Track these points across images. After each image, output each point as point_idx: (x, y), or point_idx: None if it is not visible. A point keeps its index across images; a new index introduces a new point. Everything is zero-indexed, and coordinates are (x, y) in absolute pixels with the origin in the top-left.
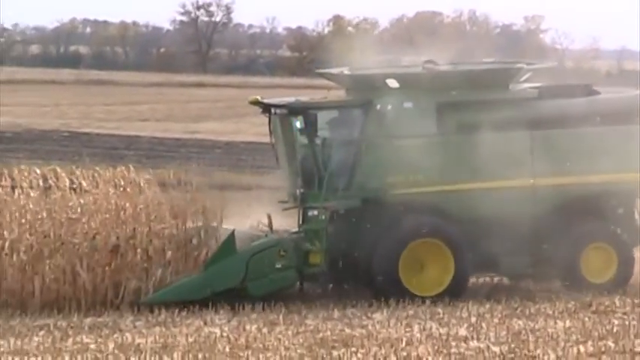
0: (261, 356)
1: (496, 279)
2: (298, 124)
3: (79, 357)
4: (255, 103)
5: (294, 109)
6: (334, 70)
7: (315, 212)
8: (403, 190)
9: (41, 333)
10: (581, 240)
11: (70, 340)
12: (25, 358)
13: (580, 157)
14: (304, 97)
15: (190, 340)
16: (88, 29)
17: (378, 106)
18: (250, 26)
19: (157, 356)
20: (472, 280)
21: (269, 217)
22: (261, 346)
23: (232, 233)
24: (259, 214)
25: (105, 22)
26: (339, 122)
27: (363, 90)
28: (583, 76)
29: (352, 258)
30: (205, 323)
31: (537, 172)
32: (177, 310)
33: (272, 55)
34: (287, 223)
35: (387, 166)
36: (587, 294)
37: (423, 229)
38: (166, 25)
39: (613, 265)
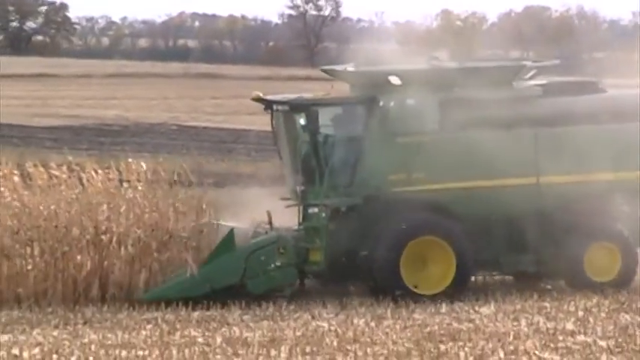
0: (368, 350)
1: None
2: (301, 121)
3: (186, 351)
4: (258, 99)
5: (296, 106)
6: (338, 67)
7: (316, 209)
8: (405, 187)
9: (149, 326)
10: (586, 239)
11: (178, 333)
12: (133, 351)
13: (584, 155)
14: (307, 93)
15: (298, 333)
16: (197, 23)
17: (381, 103)
18: (359, 20)
19: (265, 350)
20: None
21: (269, 214)
22: (368, 340)
23: (232, 230)
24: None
25: (213, 15)
26: (342, 119)
27: (367, 87)
28: None
29: (353, 256)
30: (313, 317)
31: (541, 171)
32: (284, 304)
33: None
34: (288, 220)
35: (389, 164)
36: None
37: (425, 227)
38: (275, 19)
39: (617, 264)
